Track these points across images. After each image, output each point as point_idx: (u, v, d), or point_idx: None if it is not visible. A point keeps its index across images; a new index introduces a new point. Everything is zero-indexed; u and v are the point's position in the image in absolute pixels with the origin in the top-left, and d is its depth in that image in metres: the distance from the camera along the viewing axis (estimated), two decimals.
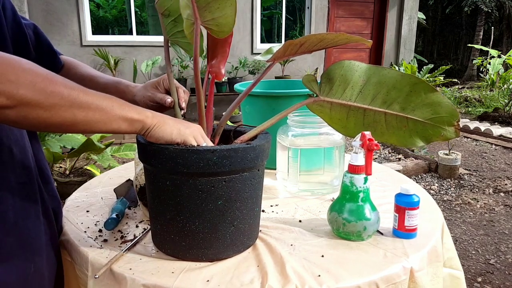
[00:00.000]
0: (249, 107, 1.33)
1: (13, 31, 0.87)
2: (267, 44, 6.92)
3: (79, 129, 0.71)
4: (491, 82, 8.29)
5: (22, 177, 0.80)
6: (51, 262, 0.82)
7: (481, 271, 2.24)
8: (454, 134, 0.84)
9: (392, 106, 0.83)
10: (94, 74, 1.01)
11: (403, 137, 0.85)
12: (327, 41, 0.77)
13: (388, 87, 0.82)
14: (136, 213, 0.96)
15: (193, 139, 0.73)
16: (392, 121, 0.84)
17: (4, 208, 0.76)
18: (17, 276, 0.77)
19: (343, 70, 0.83)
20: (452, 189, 3.47)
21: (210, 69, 0.82)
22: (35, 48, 0.93)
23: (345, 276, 0.69)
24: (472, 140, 5.19)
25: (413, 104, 0.82)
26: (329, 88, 0.84)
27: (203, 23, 0.74)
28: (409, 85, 0.81)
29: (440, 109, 0.82)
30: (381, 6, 7.15)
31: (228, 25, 0.73)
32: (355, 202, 0.82)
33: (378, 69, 0.82)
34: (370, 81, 0.82)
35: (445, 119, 0.83)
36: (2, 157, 0.76)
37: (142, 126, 0.70)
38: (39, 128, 0.66)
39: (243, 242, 0.78)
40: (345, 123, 0.87)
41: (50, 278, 0.82)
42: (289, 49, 0.77)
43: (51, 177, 0.95)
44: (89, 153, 3.10)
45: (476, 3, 12.23)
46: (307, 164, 1.09)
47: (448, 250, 0.92)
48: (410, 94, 0.81)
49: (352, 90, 0.83)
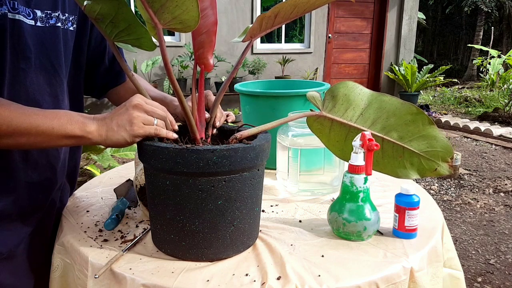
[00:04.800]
0: (249, 107, 1.33)
1: (95, 40, 0.97)
2: (267, 44, 6.92)
3: (26, 148, 0.79)
4: (491, 82, 8.29)
5: (33, 177, 0.84)
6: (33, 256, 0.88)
7: (481, 271, 2.24)
8: (447, 171, 0.86)
9: (390, 133, 0.84)
10: (145, 87, 1.04)
11: (397, 168, 0.86)
12: (301, 5, 0.74)
13: (388, 113, 0.83)
14: (136, 213, 0.96)
15: (150, 131, 0.72)
16: (388, 149, 0.85)
17: (9, 204, 0.79)
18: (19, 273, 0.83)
19: (347, 90, 0.84)
20: (452, 189, 3.47)
21: (198, 61, 0.78)
22: (110, 59, 1.01)
23: (345, 276, 0.69)
24: (472, 140, 5.19)
25: (410, 134, 0.83)
26: (332, 105, 0.84)
27: (165, 25, 0.70)
28: (408, 114, 0.83)
29: (435, 143, 0.84)
30: (381, 6, 7.14)
31: (193, 18, 0.68)
32: (355, 202, 0.82)
33: (380, 95, 0.84)
34: (372, 105, 0.84)
35: (439, 153, 0.84)
36: (15, 157, 0.80)
37: (89, 141, 0.71)
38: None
39: (243, 242, 0.78)
40: (343, 145, 0.88)
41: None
42: (263, 23, 0.75)
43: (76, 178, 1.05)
44: (89, 153, 3.10)
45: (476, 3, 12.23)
46: (307, 164, 1.09)
47: (448, 250, 0.92)
48: (408, 124, 0.83)
49: (353, 111, 0.84)
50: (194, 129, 0.77)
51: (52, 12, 0.81)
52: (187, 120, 0.77)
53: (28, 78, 0.78)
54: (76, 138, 0.71)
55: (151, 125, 0.73)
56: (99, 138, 0.71)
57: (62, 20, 0.84)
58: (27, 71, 0.78)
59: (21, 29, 0.75)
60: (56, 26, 0.83)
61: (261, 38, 6.75)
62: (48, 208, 0.91)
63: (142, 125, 0.72)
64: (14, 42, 0.74)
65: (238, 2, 6.14)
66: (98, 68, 1.00)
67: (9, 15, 0.72)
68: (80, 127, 0.70)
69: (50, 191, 0.90)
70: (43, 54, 0.81)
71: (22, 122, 0.67)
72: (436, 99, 8.40)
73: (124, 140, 0.71)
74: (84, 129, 0.70)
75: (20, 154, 0.80)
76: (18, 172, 0.80)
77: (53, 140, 0.70)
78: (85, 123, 0.71)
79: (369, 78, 7.52)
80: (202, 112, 0.81)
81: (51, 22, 0.81)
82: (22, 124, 0.67)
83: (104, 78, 1.02)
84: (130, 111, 0.72)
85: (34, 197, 0.85)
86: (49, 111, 0.72)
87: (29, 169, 0.82)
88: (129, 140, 0.71)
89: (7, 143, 0.69)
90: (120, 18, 0.74)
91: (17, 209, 0.81)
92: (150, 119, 0.73)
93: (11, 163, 0.79)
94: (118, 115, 0.72)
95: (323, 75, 7.07)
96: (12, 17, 0.73)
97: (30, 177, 0.83)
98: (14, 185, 0.80)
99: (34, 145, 0.71)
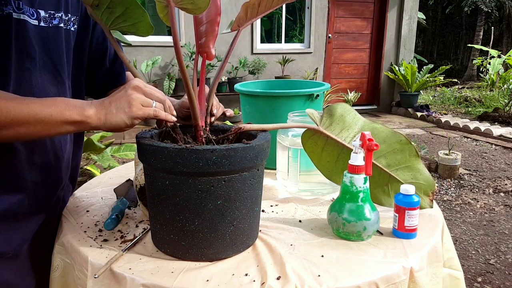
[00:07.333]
0: (249, 107, 1.33)
1: (97, 41, 0.97)
2: (267, 44, 6.92)
3: (27, 139, 0.78)
4: (491, 82, 8.29)
5: (38, 177, 0.84)
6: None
7: (481, 271, 2.24)
8: (428, 205, 0.90)
9: (379, 159, 0.88)
10: None
11: (382, 196, 0.90)
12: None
13: (379, 139, 0.87)
14: (136, 213, 0.96)
15: (149, 112, 0.72)
16: (376, 175, 0.88)
17: (15, 204, 0.80)
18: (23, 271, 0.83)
19: (343, 111, 0.88)
20: (452, 189, 3.47)
21: (200, 49, 0.79)
22: (111, 61, 1.01)
23: (345, 276, 0.69)
24: (472, 140, 5.19)
25: (397, 163, 0.87)
26: (329, 123, 0.88)
27: (177, 4, 0.70)
28: (397, 143, 0.87)
29: (419, 176, 0.88)
30: (381, 6, 7.14)
31: (204, 0, 0.68)
32: (355, 202, 0.82)
33: (372, 123, 0.89)
34: (364, 129, 0.88)
35: (422, 187, 0.88)
36: (20, 157, 0.80)
37: (89, 126, 0.71)
38: None
39: (243, 242, 0.78)
40: (333, 166, 0.90)
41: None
42: (248, 11, 0.76)
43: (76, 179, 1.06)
44: (89, 153, 3.09)
45: (476, 3, 12.23)
46: (307, 164, 1.09)
47: (448, 250, 0.92)
48: (396, 152, 0.87)
49: (347, 132, 0.88)
50: (196, 115, 0.77)
51: (56, 13, 0.81)
52: (190, 106, 0.77)
53: (33, 78, 0.78)
54: (76, 124, 0.70)
55: (150, 107, 0.72)
56: (98, 121, 0.71)
57: (65, 20, 0.84)
58: (32, 70, 0.78)
59: (26, 29, 0.75)
60: (59, 27, 0.83)
61: (261, 38, 6.74)
62: (52, 207, 0.91)
63: (141, 106, 0.71)
64: (19, 42, 0.74)
65: (238, 2, 6.14)
66: (99, 68, 1.00)
67: (14, 15, 0.72)
68: (78, 112, 0.70)
69: (55, 190, 0.90)
70: (46, 54, 0.81)
71: (20, 111, 0.66)
72: (436, 99, 8.40)
73: (123, 122, 0.71)
74: (83, 114, 0.70)
75: (26, 154, 0.80)
76: (24, 172, 0.80)
77: (52, 127, 0.69)
78: (83, 108, 0.70)
79: (369, 78, 7.51)
80: (202, 100, 0.81)
81: (54, 23, 0.81)
82: (20, 114, 0.66)
83: (104, 78, 1.02)
84: (129, 92, 0.71)
85: (39, 197, 0.85)
86: (47, 99, 0.71)
87: (34, 169, 0.82)
88: (128, 122, 0.71)
89: (7, 135, 0.68)
90: (118, 1, 0.72)
91: (22, 208, 0.82)
92: (149, 101, 0.73)
93: (17, 163, 0.79)
94: (117, 98, 0.72)
95: (323, 75, 7.07)
96: (17, 17, 0.73)
97: (36, 177, 0.83)
98: (20, 185, 0.81)
99: (34, 134, 0.70)
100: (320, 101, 1.31)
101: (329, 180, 0.93)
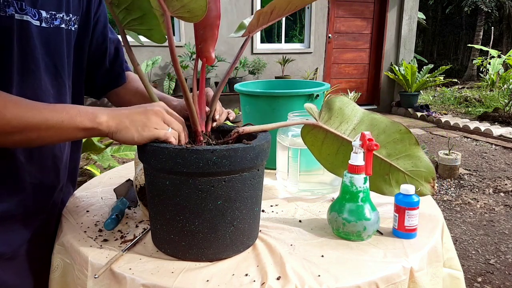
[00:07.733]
0: (249, 107, 1.33)
1: (96, 41, 0.97)
2: (267, 44, 6.92)
3: (38, 145, 0.78)
4: (491, 82, 8.29)
5: (37, 178, 0.84)
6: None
7: (481, 271, 2.24)
8: (429, 191, 0.90)
9: (380, 150, 0.88)
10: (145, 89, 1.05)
11: (383, 185, 0.91)
12: (295, 2, 0.76)
13: (378, 130, 0.87)
14: (136, 213, 0.96)
15: (160, 134, 0.71)
16: (376, 166, 0.88)
17: (14, 205, 0.80)
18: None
19: (342, 104, 0.88)
20: (452, 189, 3.47)
21: (200, 54, 0.79)
22: (111, 61, 1.02)
23: (345, 276, 0.69)
24: (472, 140, 5.19)
25: (398, 152, 0.87)
26: (328, 117, 0.88)
27: (173, 13, 0.70)
28: (397, 133, 0.87)
29: (419, 164, 0.88)
30: (381, 6, 7.14)
31: (201, 8, 0.68)
32: (355, 202, 0.82)
33: (371, 114, 0.89)
34: (364, 121, 0.88)
35: (423, 174, 0.89)
36: (19, 159, 0.80)
37: (99, 132, 0.71)
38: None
39: (243, 242, 0.78)
40: (333, 159, 0.91)
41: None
42: (261, 18, 0.76)
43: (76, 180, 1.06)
44: (89, 153, 3.10)
45: (476, 3, 12.23)
46: (307, 164, 1.09)
47: (448, 250, 0.92)
48: (396, 142, 0.87)
49: (347, 125, 0.88)
50: (195, 121, 0.77)
51: (57, 13, 0.81)
52: (189, 111, 0.77)
53: (36, 79, 0.78)
54: (87, 130, 0.70)
55: (163, 130, 0.72)
56: (107, 129, 0.70)
57: (66, 21, 0.84)
58: (35, 71, 0.78)
59: (29, 30, 0.75)
60: (60, 27, 0.83)
61: (261, 38, 6.75)
62: (51, 208, 0.91)
63: (154, 129, 0.71)
64: (23, 42, 0.74)
65: (238, 2, 6.14)
66: (98, 69, 1.00)
67: (17, 16, 0.72)
68: (90, 118, 0.69)
69: (53, 192, 0.90)
70: (48, 55, 0.81)
71: (32, 117, 0.66)
72: (436, 99, 8.40)
73: (132, 139, 0.71)
74: (94, 120, 0.70)
75: (25, 155, 0.80)
76: (23, 173, 0.80)
77: (64, 133, 0.69)
78: (95, 114, 0.70)
79: (369, 78, 7.52)
80: (202, 105, 0.81)
81: (56, 23, 0.81)
82: (32, 120, 0.66)
83: (104, 79, 1.02)
84: (148, 115, 0.71)
85: (38, 198, 0.85)
86: (58, 105, 0.71)
87: (33, 170, 0.82)
88: (136, 140, 0.71)
89: (19, 140, 0.68)
90: (136, 6, 0.73)
91: (21, 210, 0.82)
92: (165, 127, 0.73)
93: (16, 164, 0.79)
94: (134, 113, 0.72)
95: (323, 75, 7.07)
96: (20, 18, 0.73)
97: (35, 178, 0.83)
98: (19, 186, 0.81)
99: (46, 140, 0.70)
100: (320, 101, 1.31)
101: (331, 173, 0.93)
